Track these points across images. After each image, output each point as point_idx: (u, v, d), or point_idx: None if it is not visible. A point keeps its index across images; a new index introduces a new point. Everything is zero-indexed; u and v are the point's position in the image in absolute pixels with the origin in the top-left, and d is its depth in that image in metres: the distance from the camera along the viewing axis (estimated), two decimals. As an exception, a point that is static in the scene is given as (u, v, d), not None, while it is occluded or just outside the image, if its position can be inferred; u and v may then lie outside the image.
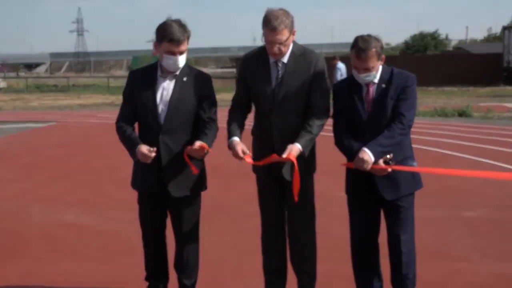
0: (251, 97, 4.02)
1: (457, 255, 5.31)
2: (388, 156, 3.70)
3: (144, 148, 3.74)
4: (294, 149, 3.71)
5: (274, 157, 3.74)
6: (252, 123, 4.13)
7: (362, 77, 3.76)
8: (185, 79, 3.90)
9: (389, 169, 3.71)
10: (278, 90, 3.84)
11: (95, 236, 6.05)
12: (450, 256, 5.27)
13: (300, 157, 3.75)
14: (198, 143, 3.75)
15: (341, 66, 17.59)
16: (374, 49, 3.66)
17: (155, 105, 3.85)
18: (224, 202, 7.05)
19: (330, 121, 3.93)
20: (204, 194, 4.37)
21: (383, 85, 3.78)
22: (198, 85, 3.92)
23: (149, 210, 4.09)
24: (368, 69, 3.72)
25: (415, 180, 3.92)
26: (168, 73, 3.89)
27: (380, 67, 3.82)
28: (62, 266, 5.12)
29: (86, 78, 64.80)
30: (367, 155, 3.65)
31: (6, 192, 8.03)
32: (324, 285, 4.55)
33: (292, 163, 3.74)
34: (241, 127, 3.99)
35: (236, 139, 3.84)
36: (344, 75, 16.23)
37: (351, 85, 3.88)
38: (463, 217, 6.58)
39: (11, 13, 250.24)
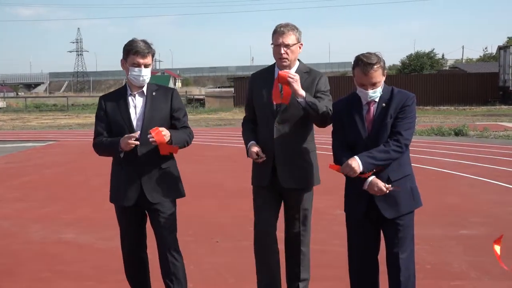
0: (255, 109, 4.22)
1: (454, 273, 5.30)
2: (390, 186, 3.72)
3: (125, 138, 3.85)
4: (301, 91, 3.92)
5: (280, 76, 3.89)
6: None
7: (369, 94, 3.76)
8: (154, 93, 4.08)
9: (386, 190, 3.71)
10: None
11: (93, 255, 6.03)
12: (447, 274, 5.26)
13: (306, 164, 4.11)
14: (163, 129, 3.86)
15: None
16: (379, 64, 3.71)
17: (129, 121, 4.01)
18: (221, 221, 7.04)
19: (325, 138, 3.95)
20: (201, 214, 4.40)
21: (383, 104, 3.79)
22: (167, 98, 4.10)
23: (129, 221, 4.21)
24: (375, 85, 3.74)
25: (414, 199, 3.91)
26: (136, 90, 4.05)
27: (381, 86, 3.83)
28: (60, 285, 5.10)
29: (85, 97, 64.88)
30: (356, 162, 3.65)
31: (4, 211, 8.02)
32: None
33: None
34: (254, 133, 4.24)
35: (253, 142, 4.12)
36: None
37: (352, 104, 3.89)
38: (460, 235, 6.57)
39: (11, 33, 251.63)
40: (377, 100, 3.82)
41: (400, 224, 3.87)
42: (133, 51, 3.94)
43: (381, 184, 3.71)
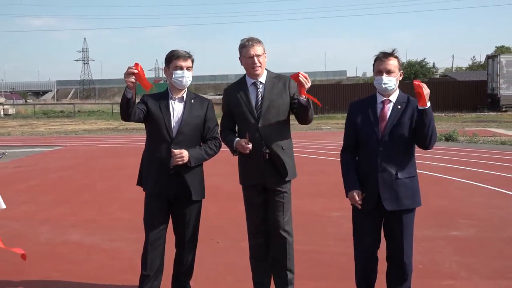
0: (235, 118, 4.41)
1: (445, 272, 5.31)
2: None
3: (128, 68, 3.98)
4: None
5: None
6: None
7: (384, 80, 3.91)
8: (192, 101, 4.35)
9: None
10: (261, 104, 4.31)
11: (99, 255, 6.03)
12: (438, 274, 5.26)
13: (289, 160, 4.32)
14: (178, 151, 4.13)
15: None
16: (395, 56, 3.96)
17: (169, 122, 4.23)
18: (221, 223, 7.05)
19: (323, 144, 3.97)
20: (202, 216, 4.44)
21: (399, 106, 3.96)
22: (202, 107, 4.38)
23: (154, 210, 4.31)
24: (390, 73, 3.91)
25: (414, 198, 4.04)
26: (177, 95, 4.31)
27: (398, 91, 4.03)
28: (67, 283, 5.10)
29: (91, 104, 64.88)
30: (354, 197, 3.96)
31: (14, 213, 8.02)
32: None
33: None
34: (235, 135, 4.42)
35: (237, 139, 4.27)
36: None
37: (368, 103, 4.08)
38: (451, 237, 6.58)
39: (21, 42, 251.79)
40: (392, 98, 3.99)
41: (404, 221, 4.01)
42: (175, 57, 4.22)
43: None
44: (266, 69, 4.42)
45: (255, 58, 4.27)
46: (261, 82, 4.35)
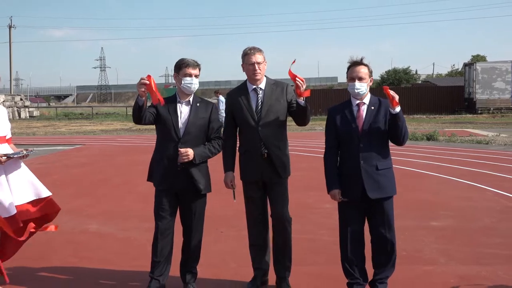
0: (237, 122, 4.40)
1: (426, 259, 5.31)
2: None
3: (141, 79, 3.96)
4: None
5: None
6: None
7: (356, 86, 4.01)
8: (198, 104, 4.36)
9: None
10: (261, 108, 4.31)
11: (114, 243, 6.03)
12: (420, 260, 5.26)
13: (285, 158, 4.33)
14: (184, 150, 4.15)
15: (222, 98, 18.27)
16: (365, 65, 4.05)
17: (177, 123, 4.25)
18: (225, 214, 7.05)
19: (315, 143, 3.98)
20: (207, 209, 4.43)
21: (372, 107, 4.06)
22: (207, 110, 4.38)
23: (163, 203, 4.31)
24: (361, 80, 4.01)
25: (392, 187, 4.13)
26: (184, 99, 4.32)
27: (369, 95, 4.11)
28: (85, 269, 5.10)
29: (108, 107, 64.86)
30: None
31: (38, 205, 8.00)
32: (310, 284, 4.54)
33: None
34: (234, 157, 4.45)
35: (230, 172, 4.38)
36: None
37: (345, 106, 4.16)
38: (431, 226, 6.57)
39: (44, 52, 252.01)
40: (365, 101, 4.09)
41: (385, 207, 4.09)
42: (185, 65, 4.24)
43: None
44: (265, 76, 4.42)
45: (256, 65, 4.28)
46: (261, 88, 4.35)
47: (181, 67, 4.25)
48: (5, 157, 4.20)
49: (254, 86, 4.35)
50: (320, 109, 34.10)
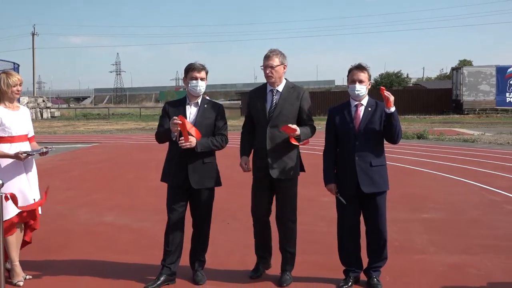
0: (253, 118, 4.34)
1: (417, 249, 5.29)
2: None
3: (173, 119, 4.06)
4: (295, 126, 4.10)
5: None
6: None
7: (356, 88, 4.02)
8: (205, 106, 4.34)
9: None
10: (274, 110, 4.21)
11: (129, 234, 6.03)
12: (411, 250, 5.24)
13: (290, 161, 4.23)
14: (193, 139, 4.11)
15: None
16: (365, 69, 4.06)
17: None
18: (231, 207, 7.04)
19: (316, 141, 3.98)
20: (215, 201, 4.41)
21: (369, 109, 4.07)
22: (214, 110, 4.35)
23: (175, 198, 4.32)
24: (361, 82, 4.02)
25: (385, 182, 4.13)
26: (193, 100, 4.30)
27: (367, 97, 4.13)
28: (102, 257, 5.10)
29: (123, 108, 64.91)
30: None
31: (58, 198, 8.02)
32: (309, 272, 4.53)
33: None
34: (250, 145, 4.39)
35: (245, 156, 4.33)
36: None
37: (344, 107, 4.17)
38: (422, 218, 6.55)
39: (64, 57, 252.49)
40: (363, 102, 4.10)
41: (378, 201, 4.09)
42: (191, 69, 4.24)
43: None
44: (285, 79, 4.31)
45: (269, 69, 4.17)
46: (277, 91, 4.24)
47: (188, 71, 4.26)
48: (25, 154, 4.19)
49: (271, 88, 4.27)
50: (318, 109, 34.09)
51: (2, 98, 4.32)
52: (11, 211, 4.15)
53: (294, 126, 4.06)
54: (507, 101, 37.62)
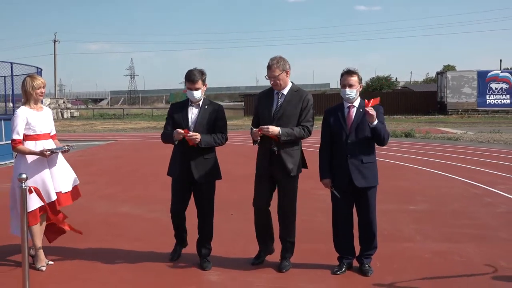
0: (259, 118, 4.31)
1: (404, 237, 5.29)
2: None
3: (176, 131, 4.16)
4: (276, 128, 4.06)
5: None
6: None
7: (347, 92, 4.03)
8: (206, 107, 4.35)
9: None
10: (277, 111, 4.18)
11: (143, 223, 6.04)
12: (399, 238, 5.24)
13: (292, 160, 4.15)
14: (193, 133, 4.16)
15: None
16: (356, 73, 4.04)
17: (187, 123, 4.27)
18: (235, 199, 7.05)
19: (314, 140, 3.98)
20: (217, 193, 4.42)
21: (361, 110, 4.05)
22: (214, 111, 4.36)
23: (178, 190, 4.39)
24: (351, 86, 4.01)
25: (375, 178, 4.13)
26: (194, 103, 4.33)
27: (359, 99, 4.11)
28: (119, 244, 5.11)
29: (136, 109, 64.91)
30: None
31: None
32: (307, 259, 4.54)
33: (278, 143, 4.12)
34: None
35: (254, 129, 4.17)
36: None
37: (337, 108, 4.18)
38: (409, 210, 6.55)
39: (82, 62, 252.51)
40: (355, 104, 4.09)
41: (369, 195, 4.09)
42: (187, 80, 4.24)
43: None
44: (291, 82, 4.28)
45: (272, 79, 4.14)
46: (282, 94, 4.20)
47: (186, 80, 4.27)
48: (49, 152, 4.21)
49: (277, 91, 4.24)
50: (314, 110, 34.02)
51: (28, 99, 4.35)
52: (34, 203, 4.17)
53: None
54: (487, 102, 37.63)
